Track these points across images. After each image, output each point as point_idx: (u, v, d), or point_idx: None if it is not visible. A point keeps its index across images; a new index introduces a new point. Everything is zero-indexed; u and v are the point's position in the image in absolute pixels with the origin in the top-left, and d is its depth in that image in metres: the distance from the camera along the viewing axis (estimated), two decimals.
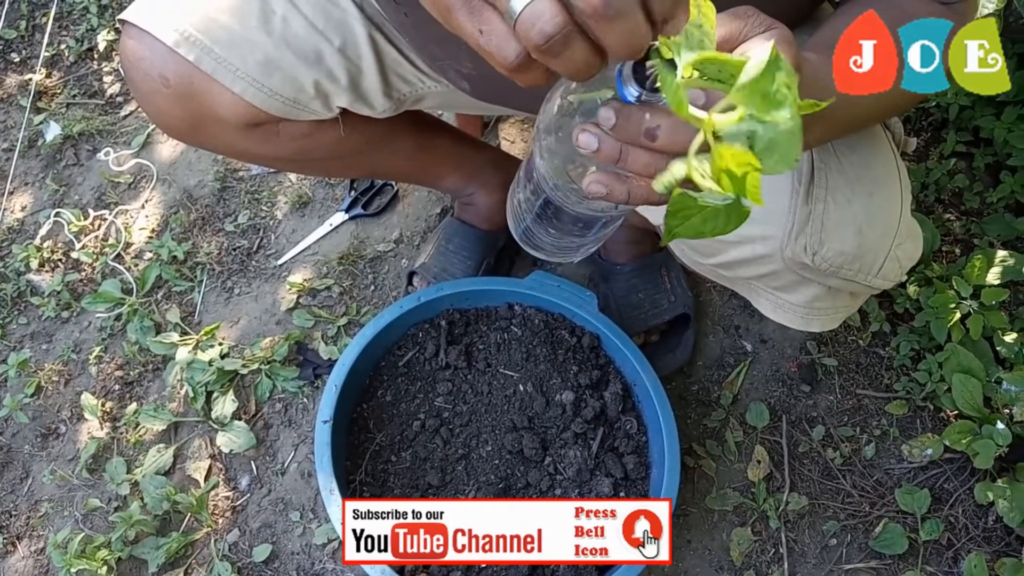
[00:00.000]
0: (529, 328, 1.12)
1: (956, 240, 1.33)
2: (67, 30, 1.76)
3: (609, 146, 0.46)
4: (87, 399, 1.27)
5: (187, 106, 0.85)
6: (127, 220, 1.47)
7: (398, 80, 0.92)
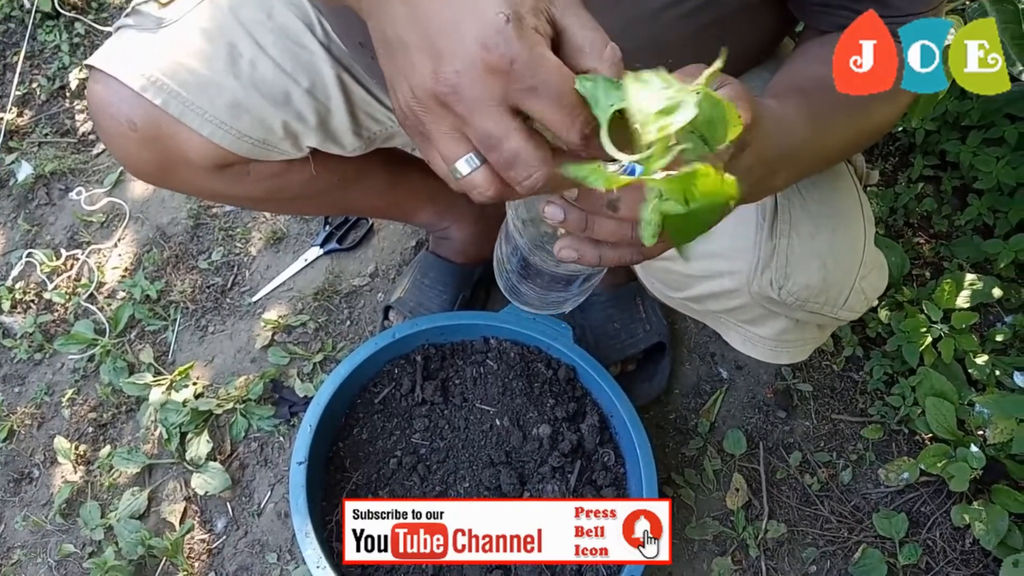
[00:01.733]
0: (505, 361, 1.12)
1: (926, 263, 1.35)
2: (39, 68, 1.75)
3: (575, 216, 0.48)
4: (60, 442, 1.26)
5: (155, 149, 0.85)
6: (100, 259, 1.46)
7: (367, 119, 0.93)
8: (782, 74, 0.66)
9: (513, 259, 0.65)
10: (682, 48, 0.71)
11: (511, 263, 0.66)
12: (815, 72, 0.63)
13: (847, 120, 0.63)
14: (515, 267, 0.66)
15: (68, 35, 1.77)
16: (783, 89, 0.62)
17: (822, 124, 0.59)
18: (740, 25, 0.71)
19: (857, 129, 0.66)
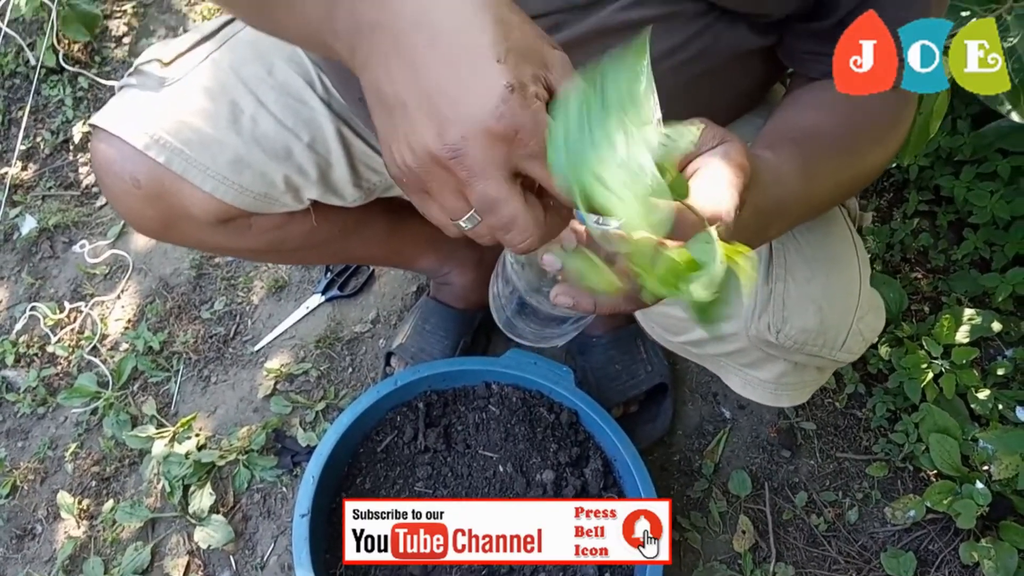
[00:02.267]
0: (507, 407, 1.12)
1: (924, 298, 1.36)
2: (43, 123, 1.78)
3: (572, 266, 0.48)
4: (63, 497, 1.25)
5: (159, 206, 0.86)
6: (103, 311, 1.47)
7: (367, 170, 0.94)
8: (774, 122, 0.67)
9: (511, 298, 0.66)
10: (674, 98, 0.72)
11: (508, 301, 0.67)
12: (807, 121, 0.65)
13: (839, 167, 0.64)
14: (512, 305, 0.66)
15: (72, 89, 1.79)
16: (776, 139, 0.63)
17: (815, 173, 0.60)
18: (731, 74, 0.73)
19: (850, 175, 0.67)
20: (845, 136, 0.64)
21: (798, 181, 0.57)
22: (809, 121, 0.65)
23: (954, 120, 1.41)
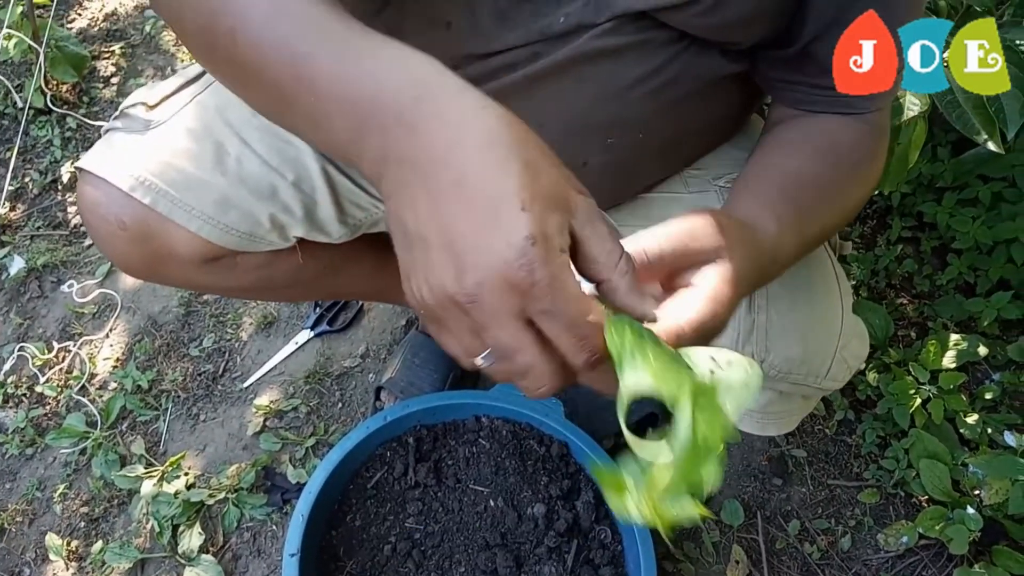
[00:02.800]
0: (497, 440, 1.12)
1: (910, 323, 1.37)
2: (31, 163, 1.78)
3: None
4: (52, 539, 1.24)
5: (145, 247, 0.86)
6: (91, 351, 1.47)
7: (353, 207, 0.95)
8: (757, 169, 0.67)
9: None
10: (649, 124, 0.73)
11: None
12: (792, 167, 0.65)
13: (827, 212, 0.64)
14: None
15: (60, 130, 1.80)
16: (764, 190, 0.63)
17: (805, 222, 0.60)
18: (706, 101, 0.74)
19: (837, 218, 0.67)
20: (829, 181, 0.64)
21: (791, 238, 0.58)
22: (792, 167, 0.65)
23: (934, 147, 1.43)
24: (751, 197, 0.60)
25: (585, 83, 0.69)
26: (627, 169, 0.80)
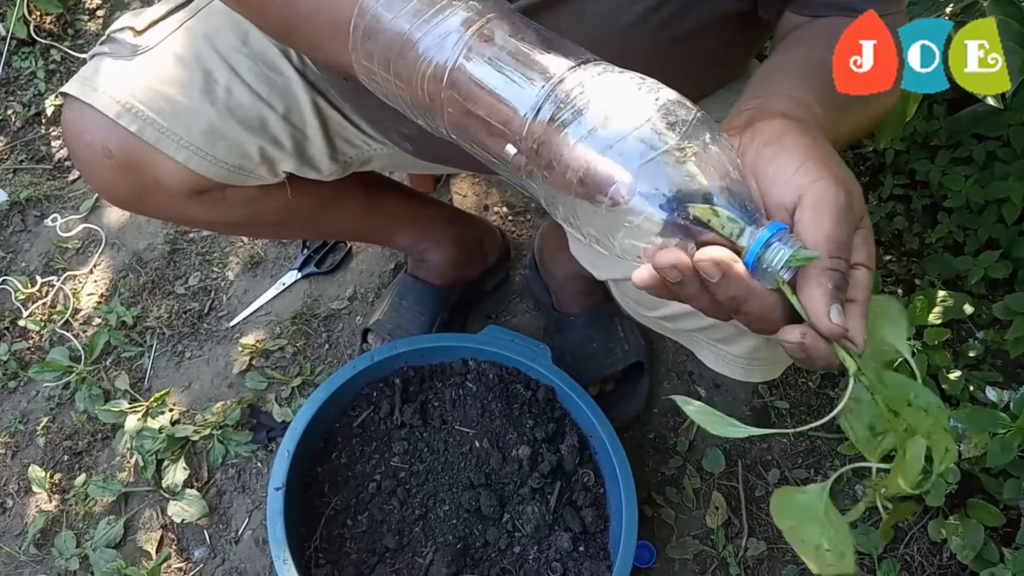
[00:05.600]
0: (484, 383, 1.12)
1: (898, 280, 1.37)
2: (14, 95, 1.75)
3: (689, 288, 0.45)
4: (35, 471, 1.24)
5: (131, 176, 0.85)
6: (75, 286, 1.45)
7: (343, 143, 0.93)
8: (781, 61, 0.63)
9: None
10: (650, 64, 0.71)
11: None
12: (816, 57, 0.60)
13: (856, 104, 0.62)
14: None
15: (44, 62, 1.76)
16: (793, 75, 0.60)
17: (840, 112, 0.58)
18: (708, 41, 0.72)
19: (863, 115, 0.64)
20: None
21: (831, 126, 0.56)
22: (816, 57, 0.60)
23: (930, 105, 1.42)
24: (792, 80, 0.57)
25: (584, 20, 0.68)
26: None
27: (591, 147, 0.44)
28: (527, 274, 1.37)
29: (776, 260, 0.43)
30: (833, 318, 0.43)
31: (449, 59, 0.49)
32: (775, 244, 0.43)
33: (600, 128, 0.44)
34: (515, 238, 1.44)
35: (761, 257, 0.43)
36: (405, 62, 0.51)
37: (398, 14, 0.51)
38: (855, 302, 0.45)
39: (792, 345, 0.44)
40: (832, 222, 0.44)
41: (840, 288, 0.44)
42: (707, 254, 0.43)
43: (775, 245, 0.43)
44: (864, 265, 0.46)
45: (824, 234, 0.44)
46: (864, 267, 0.46)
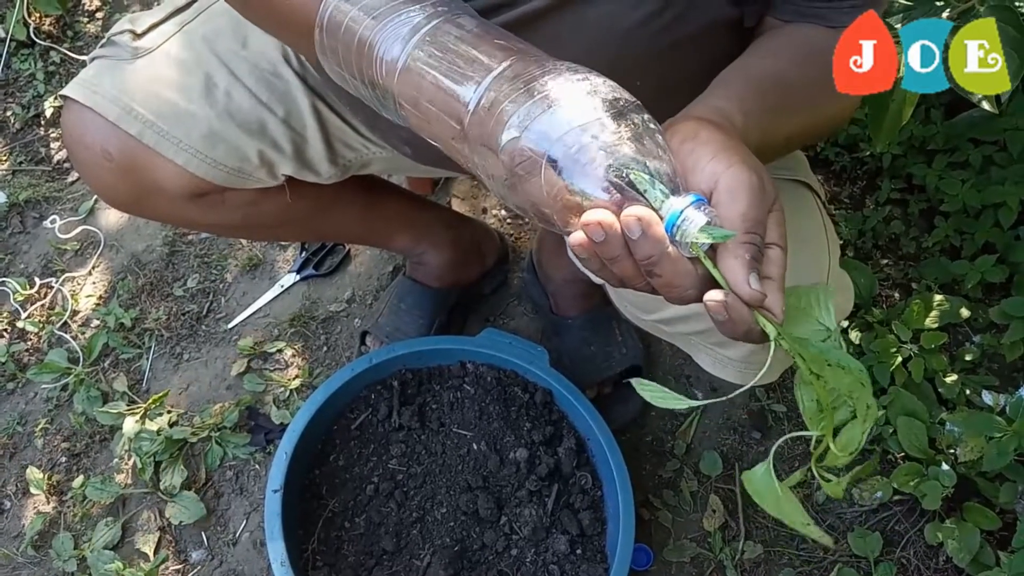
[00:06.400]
0: (482, 386, 1.13)
1: (895, 284, 1.38)
2: (13, 97, 1.75)
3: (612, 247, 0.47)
4: (32, 473, 1.24)
5: (130, 179, 0.85)
6: (74, 288, 1.45)
7: (343, 147, 0.94)
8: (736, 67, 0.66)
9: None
10: (647, 70, 0.72)
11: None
12: (768, 67, 0.65)
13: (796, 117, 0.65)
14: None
15: (43, 63, 1.76)
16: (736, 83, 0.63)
17: (771, 122, 0.61)
18: (704, 48, 0.73)
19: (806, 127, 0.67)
20: (803, 86, 0.64)
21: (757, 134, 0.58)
22: (767, 67, 0.65)
23: (927, 109, 1.42)
24: (723, 90, 0.60)
25: (583, 25, 0.68)
26: None
27: (527, 128, 0.46)
28: (525, 277, 1.37)
29: (693, 226, 0.45)
30: (752, 284, 0.46)
31: (400, 56, 0.51)
32: (691, 212, 0.46)
33: (537, 109, 0.46)
34: (513, 241, 1.45)
35: (679, 224, 0.46)
36: (362, 59, 0.53)
37: (355, 10, 0.53)
38: (771, 279, 0.48)
39: (716, 304, 0.46)
40: (747, 202, 0.47)
41: (757, 260, 0.47)
42: (632, 210, 0.45)
43: (692, 213, 0.46)
44: (778, 245, 0.49)
45: (740, 212, 0.47)
46: (778, 247, 0.49)
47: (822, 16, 0.67)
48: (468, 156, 0.50)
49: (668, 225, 0.46)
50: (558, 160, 0.46)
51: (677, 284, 0.47)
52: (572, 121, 0.46)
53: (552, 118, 0.46)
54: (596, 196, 0.46)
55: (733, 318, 0.46)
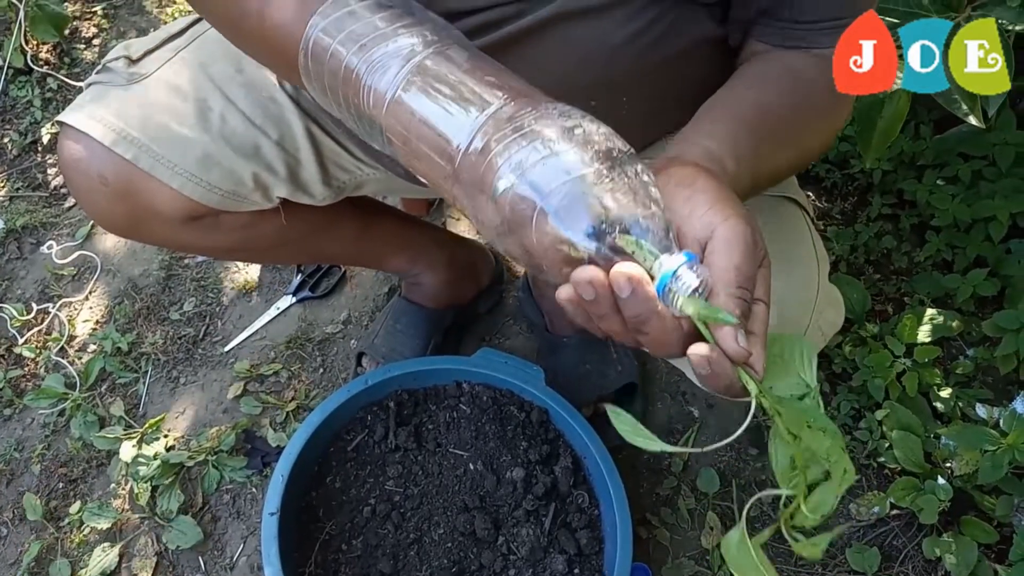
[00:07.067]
0: (478, 405, 1.13)
1: (887, 299, 1.38)
2: (10, 123, 1.76)
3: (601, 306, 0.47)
4: (29, 499, 1.24)
5: (126, 203, 0.86)
6: (71, 313, 1.46)
7: (336, 169, 0.94)
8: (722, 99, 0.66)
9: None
10: (637, 86, 0.73)
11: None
12: (755, 99, 0.65)
13: (785, 150, 0.65)
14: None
15: (40, 90, 1.78)
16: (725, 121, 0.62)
17: (761, 160, 0.61)
18: (690, 65, 0.74)
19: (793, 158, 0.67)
20: (791, 117, 0.65)
21: (748, 178, 0.58)
22: (754, 99, 0.65)
23: (916, 125, 1.44)
24: (713, 127, 0.61)
25: (570, 43, 0.69)
26: None
27: (520, 176, 0.46)
28: (520, 296, 1.38)
29: (684, 287, 0.46)
30: (740, 342, 0.46)
31: (388, 89, 0.50)
32: (684, 273, 0.46)
33: (530, 158, 0.46)
34: (508, 261, 1.46)
35: (671, 285, 0.46)
36: (348, 87, 0.53)
37: (342, 35, 0.53)
38: (755, 335, 0.48)
39: (700, 358, 0.46)
40: (741, 255, 0.48)
41: (745, 316, 0.48)
42: (622, 269, 0.46)
43: (684, 273, 0.46)
44: (763, 301, 0.50)
45: (734, 265, 0.48)
46: (763, 303, 0.50)
47: (802, 38, 0.67)
48: (457, 196, 0.50)
49: (659, 285, 0.46)
50: (550, 212, 0.45)
51: (664, 342, 0.47)
52: (566, 172, 0.45)
53: (545, 168, 0.45)
54: (587, 249, 0.46)
55: (716, 372, 0.46)
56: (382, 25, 0.52)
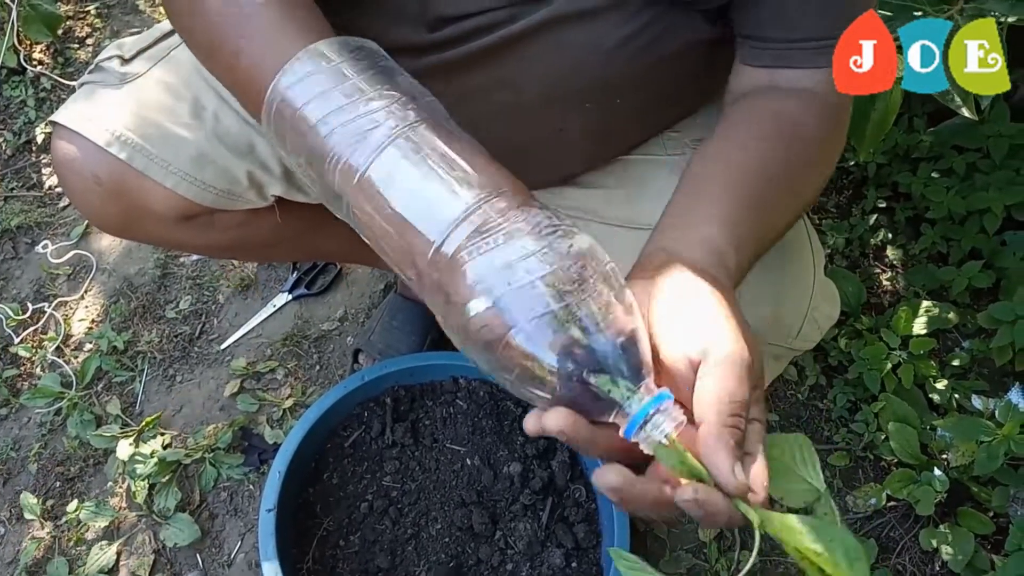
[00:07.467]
0: (474, 401, 1.13)
1: (883, 292, 1.38)
2: (4, 124, 1.76)
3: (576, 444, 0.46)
4: (27, 498, 1.24)
5: (120, 203, 0.86)
6: (67, 312, 1.46)
7: None
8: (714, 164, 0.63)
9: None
10: (631, 88, 0.73)
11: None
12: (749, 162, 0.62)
13: (784, 209, 0.63)
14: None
15: (34, 90, 1.78)
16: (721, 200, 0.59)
17: (763, 230, 0.60)
18: (685, 66, 0.74)
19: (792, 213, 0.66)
20: (786, 169, 0.63)
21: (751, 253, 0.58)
22: (749, 163, 0.62)
23: (911, 118, 1.44)
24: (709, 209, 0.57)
25: (564, 46, 0.69)
26: (604, 133, 0.80)
27: (492, 300, 0.44)
28: None
29: (659, 432, 0.44)
30: (738, 475, 0.43)
31: (360, 164, 0.48)
32: (657, 417, 0.44)
33: (501, 274, 0.44)
34: None
35: (645, 428, 0.44)
36: (313, 154, 0.50)
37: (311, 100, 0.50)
38: (751, 455, 0.46)
39: (688, 503, 0.43)
40: (736, 380, 0.45)
41: (740, 445, 0.45)
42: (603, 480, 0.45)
43: (657, 417, 0.44)
44: (758, 420, 0.47)
45: (728, 391, 0.45)
46: (758, 421, 0.47)
47: (789, 58, 0.65)
48: (422, 290, 0.49)
49: (631, 425, 0.44)
50: (521, 342, 0.44)
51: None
52: (538, 295, 0.44)
53: (519, 296, 0.44)
54: (557, 378, 0.44)
55: (709, 511, 0.43)
56: (352, 91, 0.50)
